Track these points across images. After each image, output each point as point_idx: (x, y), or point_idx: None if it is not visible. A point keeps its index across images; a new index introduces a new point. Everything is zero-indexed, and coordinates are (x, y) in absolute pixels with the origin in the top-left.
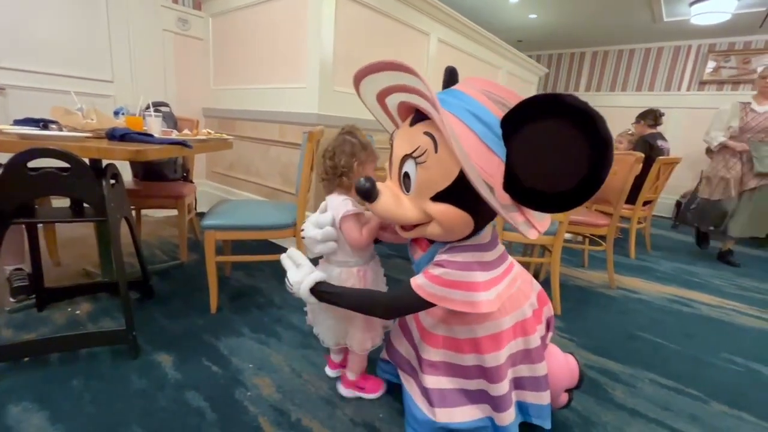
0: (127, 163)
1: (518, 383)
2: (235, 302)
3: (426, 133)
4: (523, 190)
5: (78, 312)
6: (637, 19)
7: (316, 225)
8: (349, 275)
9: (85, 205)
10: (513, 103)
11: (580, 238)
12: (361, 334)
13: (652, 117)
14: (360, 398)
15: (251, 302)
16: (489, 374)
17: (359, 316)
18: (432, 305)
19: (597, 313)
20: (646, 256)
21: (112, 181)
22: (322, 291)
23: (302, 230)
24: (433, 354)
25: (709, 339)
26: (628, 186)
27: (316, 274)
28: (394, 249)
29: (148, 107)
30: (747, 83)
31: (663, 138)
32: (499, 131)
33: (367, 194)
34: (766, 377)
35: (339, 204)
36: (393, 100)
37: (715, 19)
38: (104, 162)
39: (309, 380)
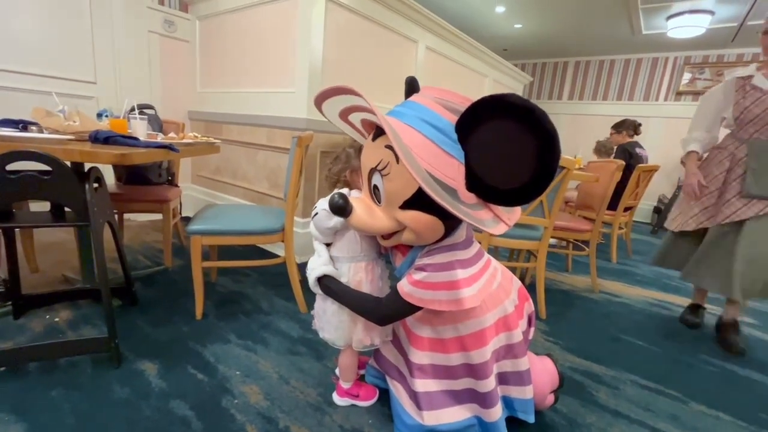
0: (110, 166)
1: (502, 378)
2: (222, 308)
3: (387, 146)
4: (486, 187)
5: (57, 319)
6: (617, 31)
7: None
8: (358, 269)
9: (66, 209)
10: (465, 107)
11: (564, 243)
12: (364, 331)
13: (632, 127)
14: (351, 405)
15: (238, 308)
16: (475, 371)
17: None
18: (420, 309)
19: (581, 316)
20: (627, 261)
21: (96, 185)
22: (327, 284)
23: (314, 207)
24: (420, 357)
25: (688, 341)
26: (610, 192)
27: (327, 267)
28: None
29: (132, 109)
30: None
31: (641, 146)
32: (455, 136)
33: (341, 210)
34: (739, 377)
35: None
36: (356, 117)
37: (690, 33)
38: (87, 165)
39: (297, 387)
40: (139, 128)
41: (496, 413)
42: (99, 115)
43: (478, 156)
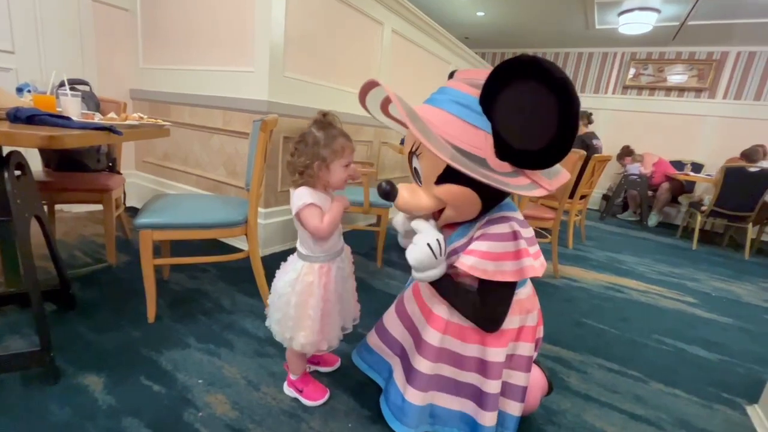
0: (36, 151)
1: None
2: (177, 309)
3: None
4: (515, 152)
5: None
6: (572, 24)
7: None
8: (310, 270)
9: None
10: None
11: None
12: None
13: (585, 116)
14: (328, 408)
15: (196, 308)
16: (487, 369)
17: (306, 318)
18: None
19: (546, 302)
20: (581, 246)
21: (18, 173)
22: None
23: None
24: (434, 337)
25: (641, 322)
26: (572, 182)
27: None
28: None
29: (62, 84)
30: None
31: (597, 137)
32: (479, 108)
33: (387, 195)
34: (690, 355)
35: (296, 197)
36: (394, 109)
37: (638, 29)
38: (5, 150)
39: (268, 393)
40: (71, 106)
41: (492, 419)
42: (19, 90)
43: (502, 122)
